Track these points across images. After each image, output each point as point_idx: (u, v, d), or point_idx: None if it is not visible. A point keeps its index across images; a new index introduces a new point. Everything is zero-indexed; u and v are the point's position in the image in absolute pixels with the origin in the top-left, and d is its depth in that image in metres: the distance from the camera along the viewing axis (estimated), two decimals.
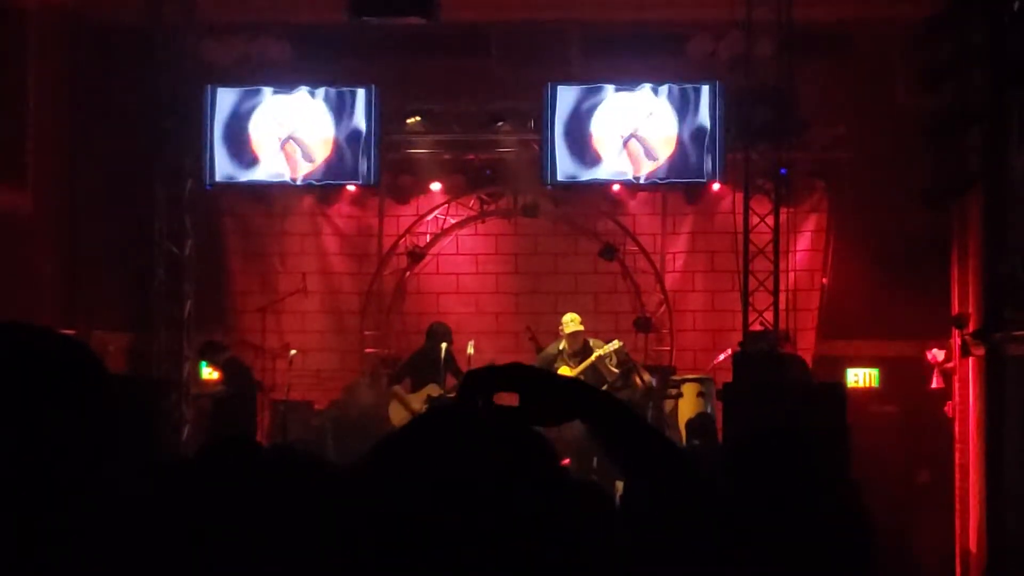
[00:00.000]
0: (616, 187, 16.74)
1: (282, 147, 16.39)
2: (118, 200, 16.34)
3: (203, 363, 16.00)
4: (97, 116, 16.41)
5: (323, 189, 17.17)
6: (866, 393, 15.84)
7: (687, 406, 14.97)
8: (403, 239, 17.56)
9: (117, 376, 9.31)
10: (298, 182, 16.70)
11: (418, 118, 16.69)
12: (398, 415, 15.69)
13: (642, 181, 16.21)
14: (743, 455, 4.33)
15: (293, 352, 16.31)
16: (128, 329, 16.57)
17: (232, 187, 16.86)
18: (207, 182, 16.38)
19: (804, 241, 16.60)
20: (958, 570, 14.57)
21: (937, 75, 13.85)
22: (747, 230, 15.36)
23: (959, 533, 14.63)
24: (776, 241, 15.31)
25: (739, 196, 15.81)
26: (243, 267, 17.78)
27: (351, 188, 17.15)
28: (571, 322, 14.92)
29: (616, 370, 14.72)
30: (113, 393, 2.12)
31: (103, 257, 16.32)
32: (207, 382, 15.71)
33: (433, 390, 15.54)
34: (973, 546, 13.95)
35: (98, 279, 16.24)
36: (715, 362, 15.92)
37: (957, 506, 14.73)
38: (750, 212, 15.45)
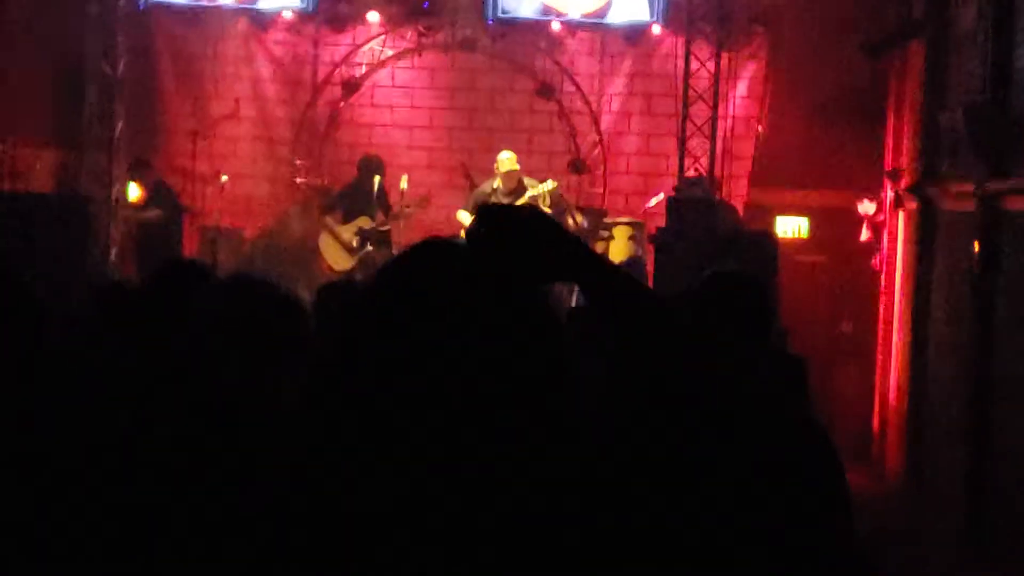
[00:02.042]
0: (556, 26, 16.60)
1: None
2: (50, 18, 16.00)
3: (129, 183, 15.80)
4: None
5: (258, 13, 16.92)
6: (794, 243, 15.92)
7: (618, 249, 15.03)
8: (338, 69, 17.37)
9: (45, 194, 9.24)
10: (233, 5, 16.42)
11: None
12: (328, 246, 15.67)
13: (582, 20, 16.08)
14: (701, 294, 4.34)
15: (224, 178, 16.19)
16: (57, 147, 16.33)
17: (165, 7, 16.57)
18: (140, 1, 16.09)
19: (742, 88, 16.57)
20: (876, 419, 14.83)
21: None
22: (688, 74, 15.30)
23: (879, 384, 14.85)
24: (716, 86, 15.28)
25: (679, 39, 15.74)
26: (175, 89, 17.54)
27: (287, 14, 16.92)
28: (507, 160, 14.87)
29: (549, 210, 14.70)
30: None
31: (33, 75, 16.02)
32: (136, 204, 15.53)
33: (364, 222, 15.51)
34: (892, 397, 14.17)
35: (28, 96, 15.94)
36: (648, 206, 15.96)
37: (878, 358, 14.92)
38: (690, 56, 15.40)
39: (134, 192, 15.72)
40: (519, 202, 14.58)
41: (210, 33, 17.23)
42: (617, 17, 15.91)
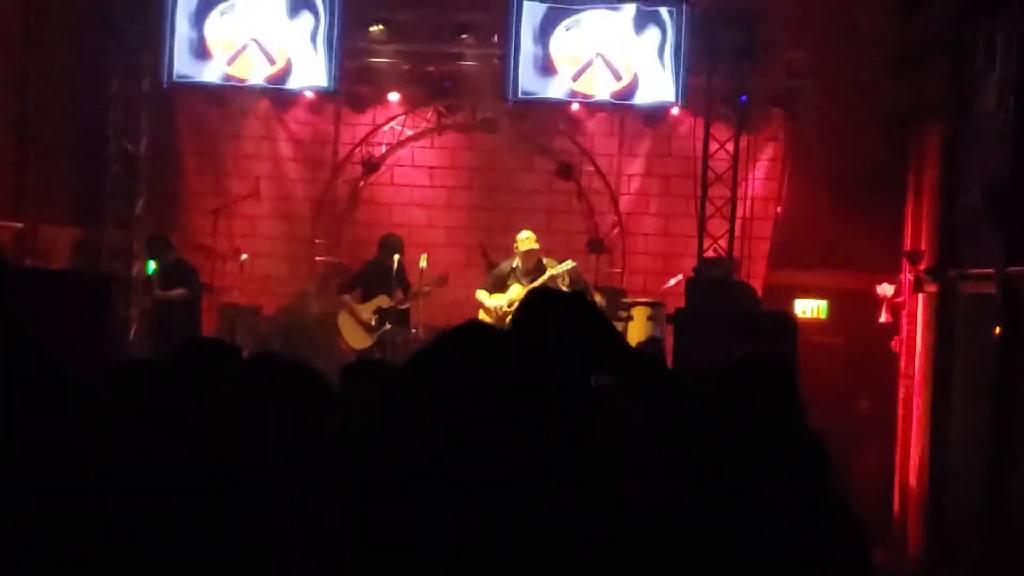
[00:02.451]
0: (575, 107, 16.67)
1: (241, 49, 16.22)
2: (73, 95, 16.13)
3: (150, 261, 15.84)
4: (51, 9, 16.15)
5: (280, 93, 17.01)
6: (813, 324, 15.90)
7: (636, 329, 14.99)
8: (359, 148, 17.45)
9: (66, 272, 9.27)
10: (256, 85, 16.54)
11: (380, 26, 16.54)
12: (347, 325, 15.67)
13: (603, 101, 16.14)
14: (725, 378, 4.33)
15: (244, 256, 16.24)
16: (79, 225, 16.40)
17: (189, 87, 16.67)
18: (164, 80, 16.20)
19: (761, 169, 16.60)
20: (896, 499, 14.74)
21: (910, 5, 13.82)
22: (706, 155, 15.35)
23: (899, 465, 14.78)
24: (735, 168, 15.32)
25: (698, 121, 15.80)
26: (197, 168, 17.64)
27: (309, 94, 17.00)
28: (526, 240, 14.89)
29: (568, 290, 14.70)
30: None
31: (55, 152, 16.12)
32: (156, 281, 15.54)
33: (383, 301, 15.51)
34: (913, 479, 14.10)
35: (50, 174, 16.04)
36: (666, 286, 15.94)
37: (898, 440, 14.86)
38: (709, 138, 15.45)
39: (152, 269, 15.76)
40: (537, 282, 14.61)
41: (232, 112, 17.33)
42: (643, 98, 15.94)
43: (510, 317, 14.23)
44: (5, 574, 1.90)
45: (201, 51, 16.19)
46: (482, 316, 14.61)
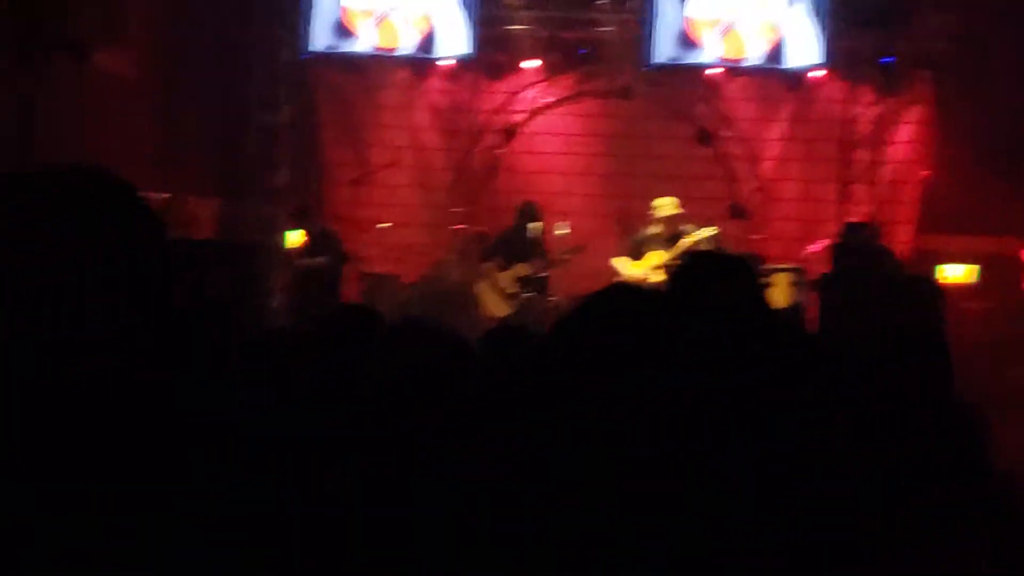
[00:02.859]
0: (714, 71, 16.51)
1: (379, 19, 16.28)
2: (214, 68, 16.29)
3: (291, 231, 15.97)
4: None
5: (418, 63, 17.05)
6: (961, 289, 15.62)
7: (777, 295, 14.82)
8: (496, 116, 17.44)
9: (211, 241, 9.36)
10: (394, 55, 16.57)
11: None
12: (486, 293, 15.68)
13: (742, 66, 15.96)
14: (874, 347, 4.23)
15: (383, 225, 16.31)
16: (222, 196, 16.59)
17: (328, 58, 16.76)
18: (303, 52, 16.31)
19: (905, 133, 16.32)
20: None
21: None
22: (850, 119, 15.12)
23: None
24: (880, 132, 15.08)
25: (841, 84, 15.57)
26: (336, 138, 17.74)
27: (446, 63, 17.02)
28: (665, 206, 14.76)
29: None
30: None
31: (198, 124, 16.31)
32: (299, 251, 15.65)
33: (522, 270, 15.49)
34: None
35: (193, 146, 16.24)
36: (808, 252, 15.75)
37: None
38: (851, 101, 15.22)
39: (294, 238, 15.88)
40: (676, 248, 14.48)
41: (370, 82, 17.40)
42: (786, 62, 15.72)
43: (664, 278, 14.18)
44: (152, 550, 1.88)
45: (341, 21, 16.28)
46: (620, 283, 14.52)
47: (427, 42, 16.35)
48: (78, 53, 14.16)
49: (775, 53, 15.62)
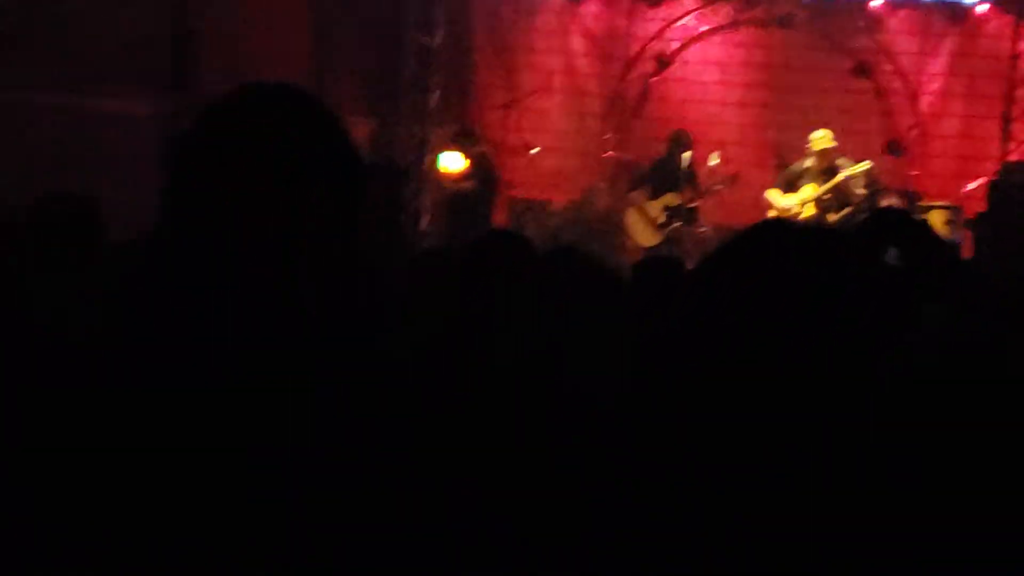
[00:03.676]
0: (875, 3, 16.20)
1: None
2: None
3: (444, 152, 16.00)
4: None
5: None
6: None
7: None
8: (651, 44, 17.29)
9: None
10: None
11: None
12: (635, 222, 15.61)
13: None
14: None
15: (534, 151, 16.28)
16: (373, 117, 16.66)
17: None
18: None
19: None
20: None
21: None
22: (1015, 54, 14.74)
23: None
24: None
25: (1006, 19, 15.18)
26: (489, 62, 17.72)
27: None
28: (822, 139, 14.56)
29: (862, 191, 14.36)
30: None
31: (352, 46, 16.38)
32: (457, 175, 15.66)
33: (672, 199, 15.39)
34: None
35: (347, 67, 16.31)
36: (965, 190, 15.44)
37: None
38: (1016, 37, 14.84)
39: (451, 161, 15.89)
40: (831, 182, 14.29)
41: (526, 6, 17.35)
42: None
43: (815, 212, 14.00)
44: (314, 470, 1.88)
45: None
46: (771, 216, 14.39)
47: None
48: None
49: None
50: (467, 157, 15.58)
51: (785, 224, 1.99)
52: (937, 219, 14.67)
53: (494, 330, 3.56)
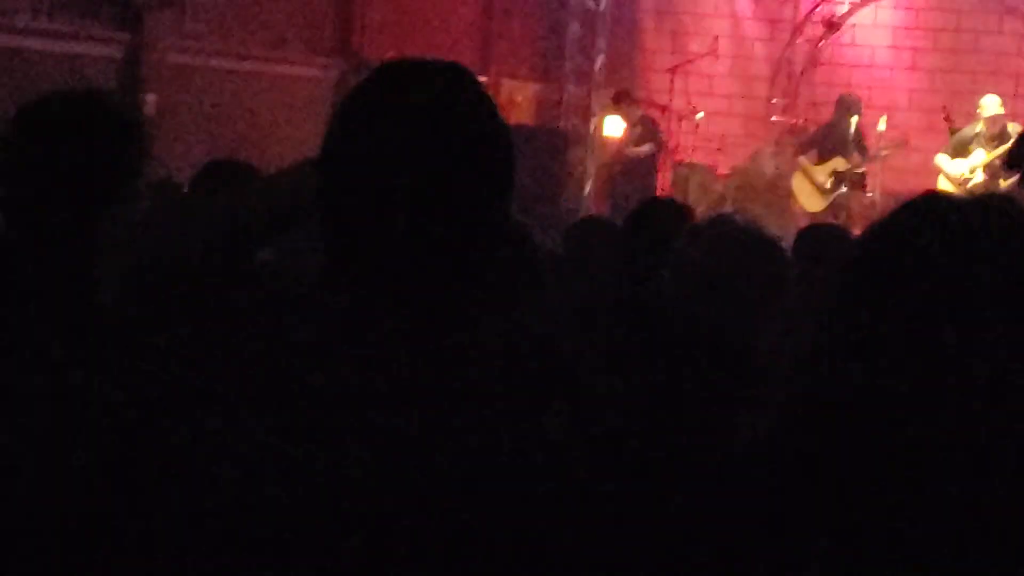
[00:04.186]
0: None
1: None
2: None
3: (607, 116, 16.00)
4: None
5: None
6: None
7: None
8: (820, 7, 17.10)
9: (525, 126, 9.46)
10: None
11: None
12: (802, 187, 15.49)
13: None
14: None
15: (700, 115, 16.22)
16: (539, 81, 16.72)
17: None
18: None
19: None
20: None
21: None
22: None
23: None
24: None
25: None
26: (655, 25, 17.67)
27: None
28: (991, 104, 14.32)
29: None
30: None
31: (519, 9, 16.43)
32: (621, 140, 15.64)
33: (839, 164, 15.24)
34: None
35: (511, 29, 16.38)
36: None
37: None
38: None
39: (613, 125, 15.90)
40: (1002, 148, 14.05)
41: None
42: None
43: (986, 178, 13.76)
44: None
45: None
46: (941, 182, 14.19)
47: None
48: None
49: None
50: (627, 121, 15.57)
51: (949, 199, 1.95)
52: None
53: (655, 300, 3.60)
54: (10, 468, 2.37)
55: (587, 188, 15.61)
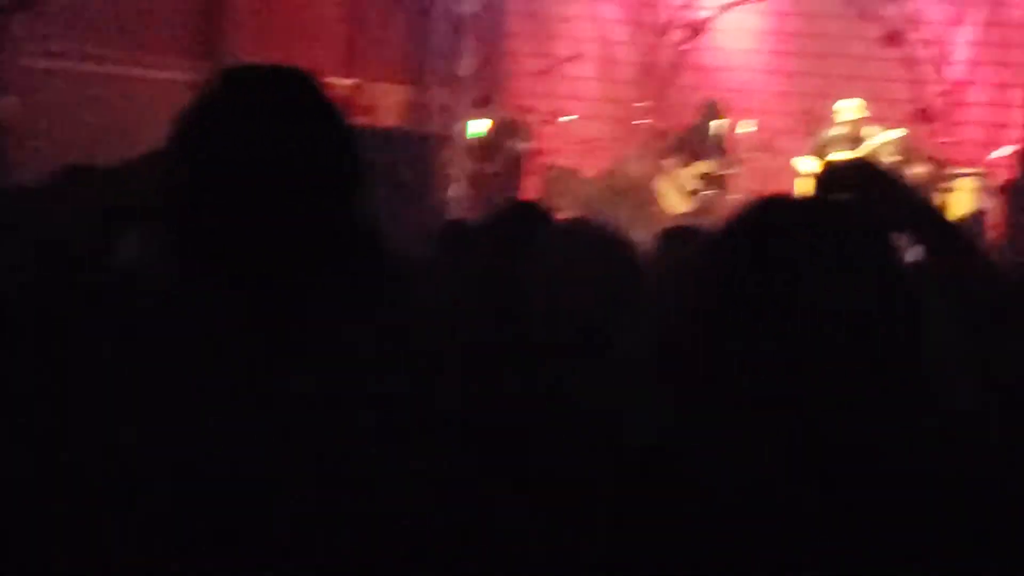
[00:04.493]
0: None
1: None
2: None
3: (471, 120, 16.01)
4: None
5: None
6: None
7: (961, 201, 14.59)
8: (684, 11, 17.27)
9: (391, 129, 9.43)
10: None
11: None
12: (666, 189, 15.65)
13: None
14: None
15: (566, 118, 16.30)
16: (405, 84, 16.68)
17: None
18: None
19: None
20: None
21: None
22: None
23: None
24: None
25: None
26: (521, 29, 17.72)
27: None
28: (850, 108, 14.59)
29: (892, 160, 14.39)
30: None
31: (385, 11, 16.38)
32: (482, 142, 15.66)
33: (703, 167, 15.43)
34: None
35: (379, 32, 16.32)
36: (993, 157, 15.42)
37: None
38: None
39: (476, 128, 15.92)
40: (861, 150, 14.31)
41: None
42: None
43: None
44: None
45: None
46: (802, 184, 14.42)
47: None
48: None
49: None
50: (493, 123, 15.62)
51: (790, 202, 2.01)
52: (966, 187, 14.70)
53: (515, 303, 3.63)
54: None
55: (454, 191, 15.60)
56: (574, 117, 16.29)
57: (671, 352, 2.00)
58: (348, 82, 15.45)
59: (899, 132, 14.49)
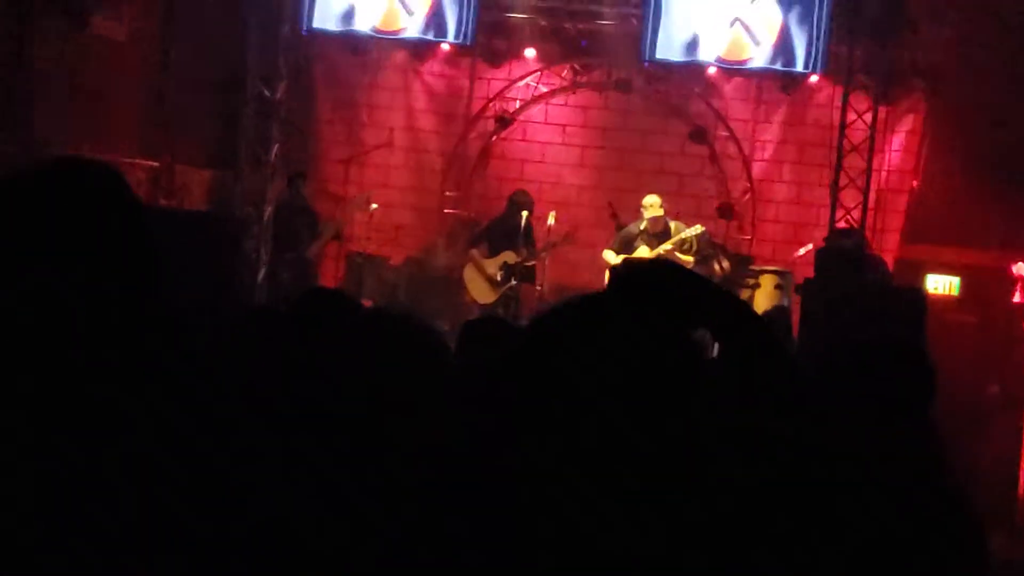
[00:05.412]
0: (712, 70, 16.51)
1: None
2: (212, 37, 16.22)
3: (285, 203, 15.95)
4: None
5: (417, 45, 17.00)
6: (945, 301, 15.62)
7: (763, 297, 14.86)
8: (492, 103, 17.45)
9: (197, 212, 9.37)
10: (394, 36, 16.54)
11: None
12: (473, 279, 15.71)
13: (743, 67, 15.96)
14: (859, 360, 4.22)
15: (374, 206, 16.30)
16: (212, 167, 16.55)
17: (328, 35, 16.71)
18: (303, 27, 16.27)
19: (898, 142, 16.36)
20: (1022, 486, 14.48)
21: None
22: (843, 125, 15.09)
23: None
24: (872, 139, 15.04)
25: (836, 90, 15.54)
26: (331, 116, 17.73)
27: (445, 47, 16.99)
28: (652, 206, 14.84)
29: (692, 258, 14.65)
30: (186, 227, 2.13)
31: (192, 93, 16.25)
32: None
33: (509, 257, 15.53)
34: None
35: (186, 114, 16.18)
36: (796, 255, 15.78)
37: None
38: (847, 108, 15.20)
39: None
40: (665, 245, 14.54)
41: (369, 62, 17.36)
42: (781, 65, 15.68)
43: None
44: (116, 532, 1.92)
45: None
46: (608, 277, 14.58)
47: (427, 26, 16.30)
48: (75, 16, 14.14)
49: (773, 56, 15.63)
50: (290, 199, 15.58)
51: (581, 308, 2.01)
52: (768, 283, 14.99)
53: (316, 389, 3.58)
54: None
55: (260, 276, 15.46)
56: (376, 206, 16.20)
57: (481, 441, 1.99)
58: (155, 163, 15.30)
59: (697, 228, 14.78)
